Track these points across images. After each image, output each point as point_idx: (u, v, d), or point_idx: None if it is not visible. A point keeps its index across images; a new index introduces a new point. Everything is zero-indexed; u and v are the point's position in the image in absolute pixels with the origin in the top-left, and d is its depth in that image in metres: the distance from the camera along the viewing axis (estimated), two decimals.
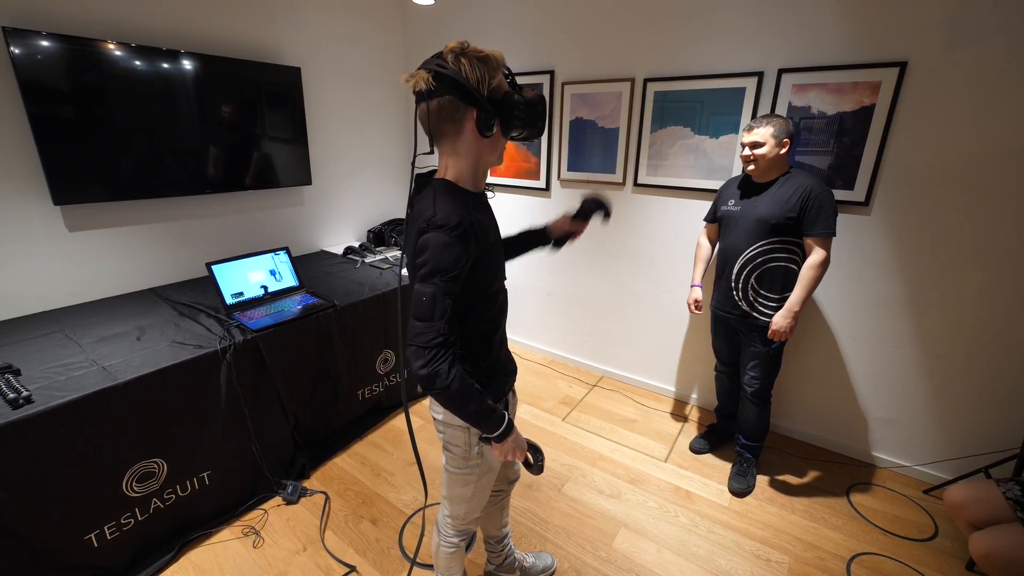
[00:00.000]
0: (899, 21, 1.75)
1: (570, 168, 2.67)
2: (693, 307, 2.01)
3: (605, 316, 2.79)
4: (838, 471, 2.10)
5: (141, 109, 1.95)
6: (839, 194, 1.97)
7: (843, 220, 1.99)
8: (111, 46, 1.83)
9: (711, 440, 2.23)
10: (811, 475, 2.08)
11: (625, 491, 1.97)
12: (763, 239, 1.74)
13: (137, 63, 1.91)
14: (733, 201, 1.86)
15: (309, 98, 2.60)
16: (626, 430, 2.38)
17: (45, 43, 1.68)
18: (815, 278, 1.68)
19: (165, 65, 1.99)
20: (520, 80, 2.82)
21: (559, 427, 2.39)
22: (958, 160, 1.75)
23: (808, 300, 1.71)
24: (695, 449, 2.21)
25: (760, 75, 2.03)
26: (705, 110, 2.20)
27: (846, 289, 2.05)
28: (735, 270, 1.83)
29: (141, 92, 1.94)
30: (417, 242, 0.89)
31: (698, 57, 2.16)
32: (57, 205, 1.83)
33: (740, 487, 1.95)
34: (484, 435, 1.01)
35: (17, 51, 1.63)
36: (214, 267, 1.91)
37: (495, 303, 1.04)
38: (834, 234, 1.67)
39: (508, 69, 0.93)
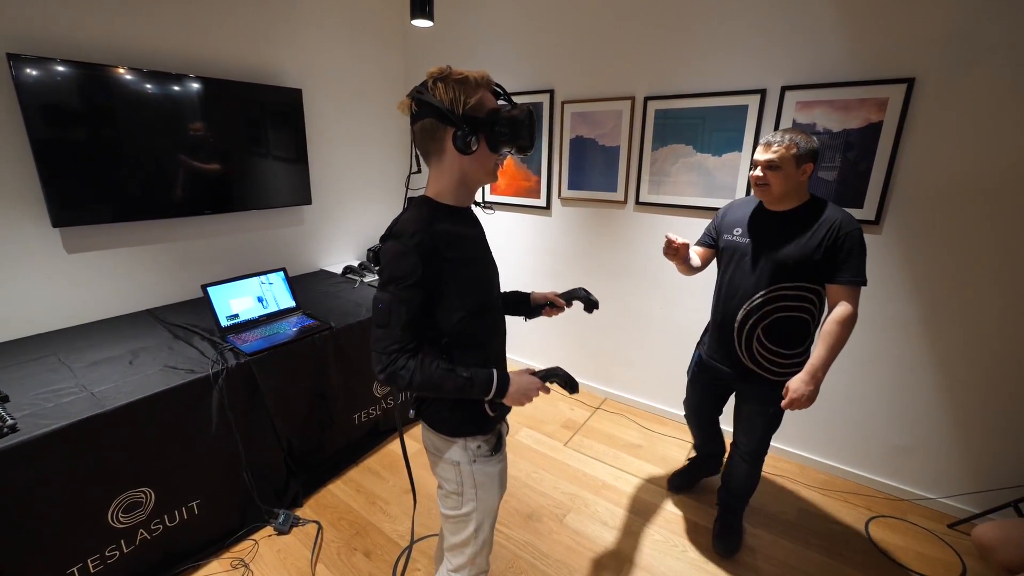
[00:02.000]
0: (905, 37, 1.71)
1: (571, 186, 2.65)
2: (669, 240, 1.48)
3: (607, 336, 2.72)
4: (856, 502, 1.99)
5: (142, 132, 1.96)
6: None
7: None
8: (114, 70, 1.85)
9: (691, 474, 2.00)
10: (828, 507, 1.97)
11: (630, 523, 1.88)
12: (777, 283, 1.42)
13: (139, 87, 1.93)
14: (740, 231, 1.53)
15: (310, 119, 2.62)
16: (630, 456, 2.29)
17: (48, 68, 1.70)
18: (843, 337, 1.34)
19: (166, 88, 2.01)
20: (520, 99, 2.81)
21: (561, 452, 2.31)
22: (973, 176, 1.69)
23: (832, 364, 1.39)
24: (675, 486, 1.98)
25: (763, 92, 2.00)
26: (707, 128, 2.17)
27: (859, 311, 1.97)
28: (739, 318, 1.51)
29: (142, 115, 1.95)
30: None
31: (699, 75, 2.14)
32: (56, 227, 1.83)
33: (727, 548, 1.71)
34: (488, 401, 1.00)
35: (20, 76, 1.65)
36: (210, 289, 1.89)
37: (482, 319, 1.02)
38: (865, 283, 1.36)
39: (498, 87, 0.97)
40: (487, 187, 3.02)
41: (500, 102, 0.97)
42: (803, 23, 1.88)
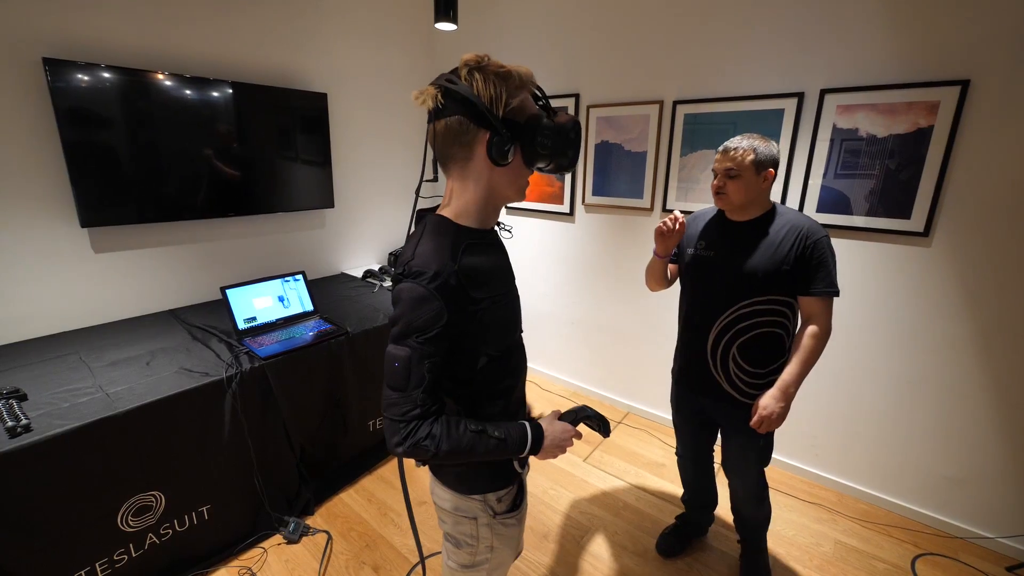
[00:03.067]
0: (959, 36, 1.59)
1: (595, 193, 2.57)
2: (667, 223, 1.36)
3: (631, 348, 2.62)
4: (901, 537, 1.84)
5: (171, 135, 1.99)
6: (891, 223, 1.80)
7: (899, 252, 1.81)
8: (147, 75, 1.88)
9: (681, 535, 1.78)
10: (869, 541, 1.82)
11: (651, 548, 1.77)
12: (748, 297, 1.32)
13: (169, 91, 1.95)
14: (704, 244, 1.41)
15: (334, 123, 2.63)
16: (653, 475, 2.18)
17: (81, 73, 1.73)
18: (817, 352, 1.28)
19: (195, 92, 2.03)
20: None
21: (580, 469, 2.21)
22: None
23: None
24: (665, 551, 1.74)
25: (800, 96, 1.90)
26: (739, 133, 2.05)
27: (903, 328, 1.84)
28: (711, 338, 1.39)
29: (172, 119, 1.98)
30: (393, 291, 0.78)
31: (732, 78, 2.05)
32: (84, 227, 1.85)
33: None
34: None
35: (54, 81, 1.68)
36: (228, 291, 1.89)
37: (507, 362, 0.87)
38: (838, 293, 1.28)
39: (539, 89, 0.82)
40: None
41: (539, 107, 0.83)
42: (845, 22, 1.78)
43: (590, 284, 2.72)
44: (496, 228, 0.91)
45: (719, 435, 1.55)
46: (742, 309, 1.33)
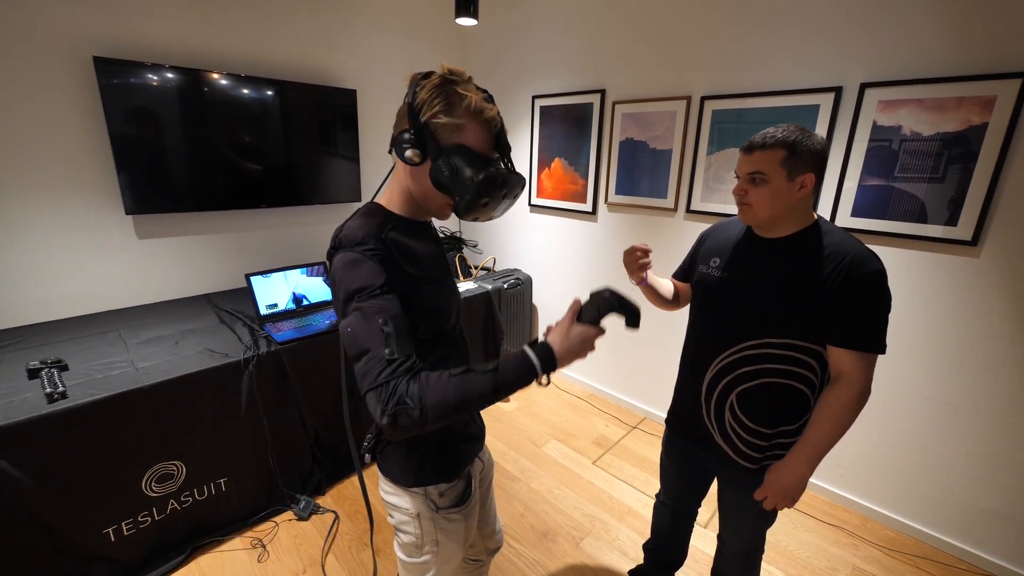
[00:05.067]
0: (1020, 23, 1.44)
1: (618, 191, 2.52)
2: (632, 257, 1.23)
3: (650, 352, 2.55)
4: (929, 570, 1.70)
5: (209, 130, 2.11)
6: (935, 230, 1.65)
7: (944, 262, 1.67)
8: (195, 73, 2.01)
9: None
10: (892, 570, 1.70)
11: None
12: (758, 336, 1.04)
13: (207, 88, 2.08)
14: (718, 261, 1.15)
15: (363, 118, 2.70)
16: None
17: (128, 71, 1.87)
18: (846, 423, 0.99)
19: (233, 90, 2.15)
20: (570, 100, 2.67)
21: (587, 470, 2.19)
22: None
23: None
24: None
25: (838, 90, 1.77)
26: None
27: (947, 346, 1.69)
28: (707, 379, 1.14)
29: (209, 114, 2.10)
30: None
31: (764, 72, 1.94)
32: (129, 215, 2.01)
33: None
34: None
35: (103, 78, 1.82)
36: (252, 278, 1.99)
37: (437, 348, 0.88)
38: (883, 350, 0.98)
39: (502, 139, 0.81)
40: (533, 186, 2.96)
41: (495, 156, 0.82)
42: (888, 9, 1.64)
43: (611, 284, 2.66)
44: (434, 225, 0.96)
45: (715, 481, 1.30)
46: (748, 350, 1.06)
